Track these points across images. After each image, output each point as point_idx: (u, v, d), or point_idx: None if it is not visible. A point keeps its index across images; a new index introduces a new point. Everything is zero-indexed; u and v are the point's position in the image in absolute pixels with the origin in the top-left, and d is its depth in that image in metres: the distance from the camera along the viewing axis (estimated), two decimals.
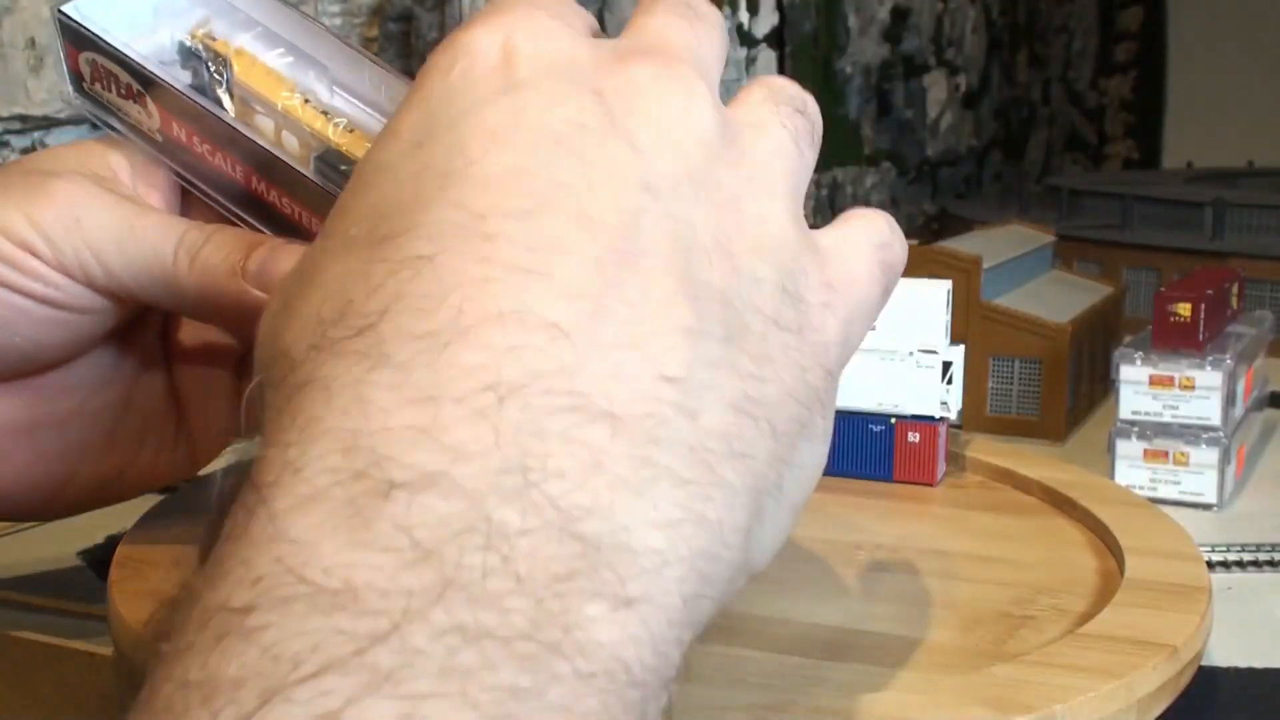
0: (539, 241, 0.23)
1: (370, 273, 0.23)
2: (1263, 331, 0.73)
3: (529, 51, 0.26)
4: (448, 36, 0.27)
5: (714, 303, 0.24)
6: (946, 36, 2.01)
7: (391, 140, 0.25)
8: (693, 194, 0.25)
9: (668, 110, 0.26)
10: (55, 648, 0.47)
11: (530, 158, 0.24)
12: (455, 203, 0.23)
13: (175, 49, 0.42)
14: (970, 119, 2.11)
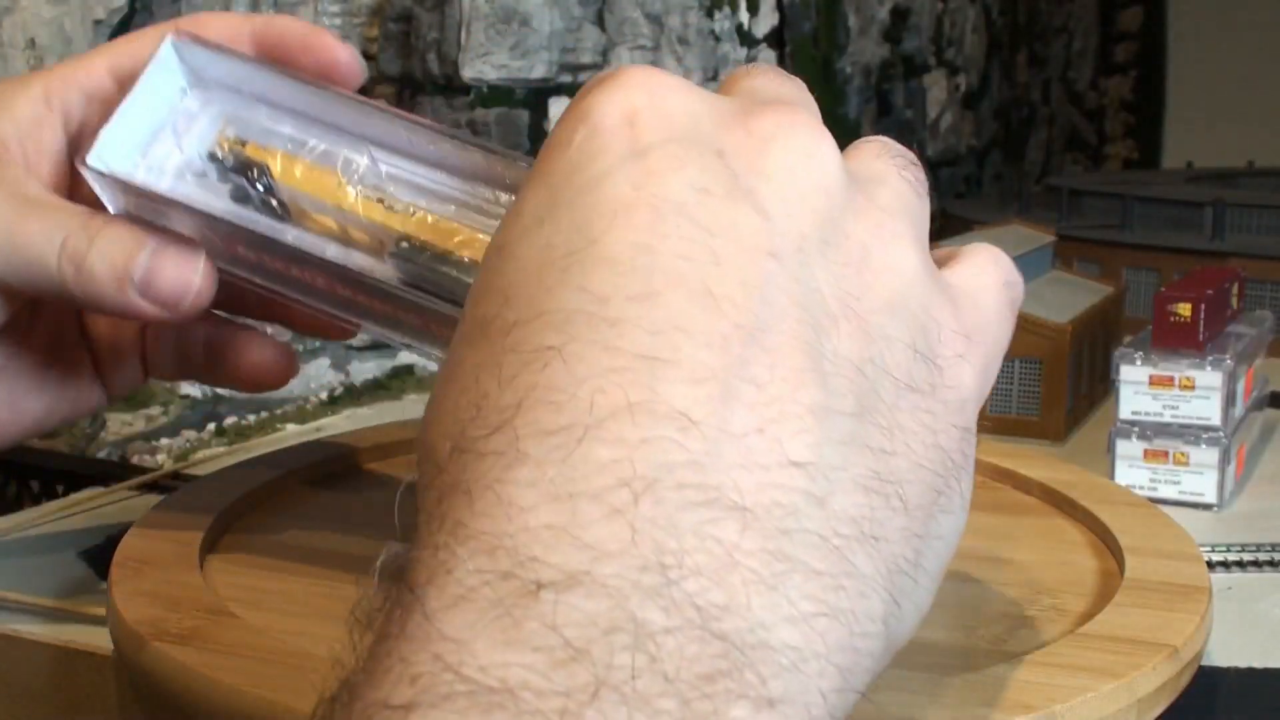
0: (664, 324, 0.23)
1: (503, 364, 0.23)
2: (1263, 331, 0.73)
3: (651, 114, 0.25)
4: (569, 106, 0.26)
5: (843, 374, 0.24)
6: (946, 36, 2.01)
7: (515, 220, 0.25)
8: (819, 251, 0.25)
9: (792, 160, 0.25)
10: (55, 648, 0.47)
11: (652, 233, 0.24)
12: (579, 286, 0.23)
13: (204, 158, 0.40)
14: (970, 119, 2.11)
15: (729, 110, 0.26)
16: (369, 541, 0.44)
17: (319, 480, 0.51)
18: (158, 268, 0.40)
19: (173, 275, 0.40)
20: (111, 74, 0.42)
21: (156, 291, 0.40)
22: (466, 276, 0.38)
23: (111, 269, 0.40)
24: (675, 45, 1.29)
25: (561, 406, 0.22)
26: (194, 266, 0.40)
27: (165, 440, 0.85)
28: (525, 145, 1.15)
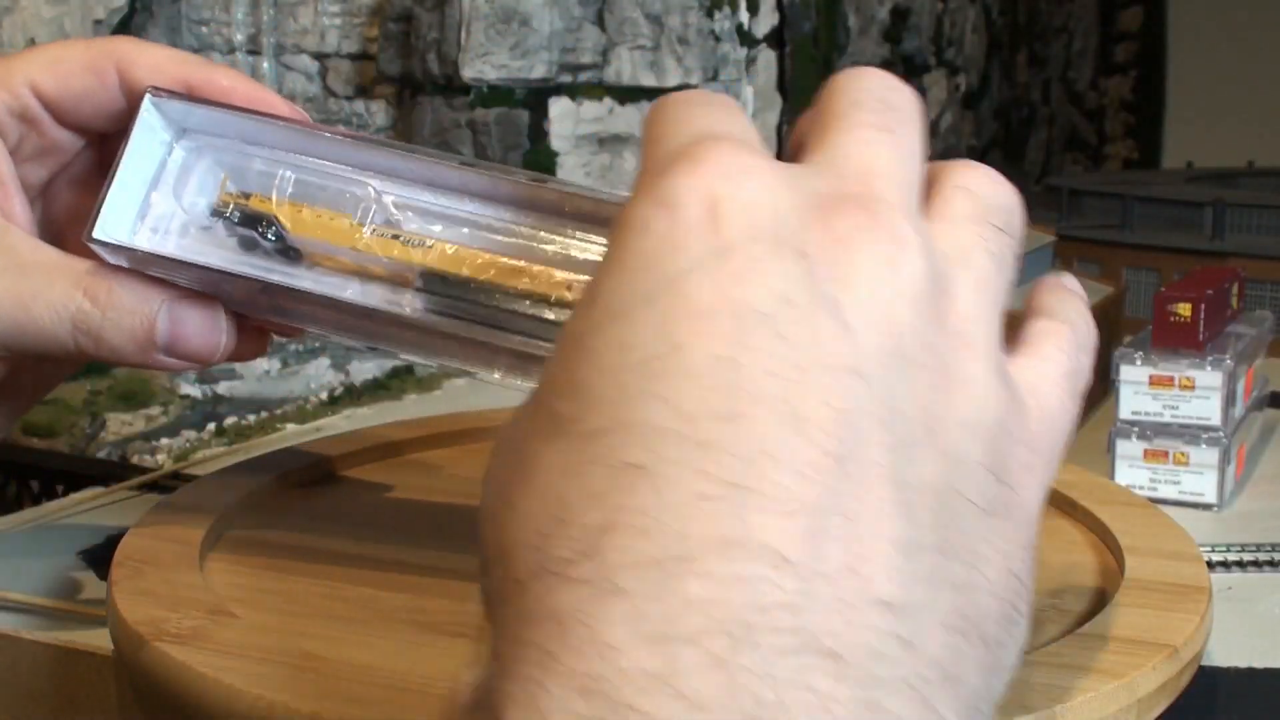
0: (752, 449, 0.22)
1: (586, 476, 0.22)
2: (1263, 331, 0.73)
3: (733, 205, 0.24)
4: (644, 183, 0.25)
5: (925, 505, 0.23)
6: (946, 36, 2.01)
7: (590, 309, 0.24)
8: (902, 369, 0.24)
9: (875, 265, 0.24)
10: (55, 648, 0.47)
11: (737, 345, 0.23)
12: (662, 397, 0.23)
13: (208, 212, 0.40)
14: (970, 119, 2.11)
15: (812, 202, 0.25)
16: (369, 542, 0.44)
17: (319, 480, 0.51)
18: (179, 329, 0.40)
19: (197, 336, 0.41)
20: (35, 94, 0.42)
21: (183, 351, 0.41)
22: (492, 301, 0.39)
23: (131, 339, 0.40)
24: (675, 45, 1.29)
25: (652, 534, 0.21)
26: (216, 322, 0.41)
27: (165, 440, 0.85)
28: (525, 145, 1.15)
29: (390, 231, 0.39)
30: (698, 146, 0.25)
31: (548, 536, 0.22)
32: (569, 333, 0.25)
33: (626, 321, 0.23)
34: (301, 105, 0.44)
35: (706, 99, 0.28)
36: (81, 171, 0.44)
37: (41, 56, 0.42)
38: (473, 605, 0.39)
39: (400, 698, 0.32)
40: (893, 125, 0.27)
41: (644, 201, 0.25)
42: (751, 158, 0.25)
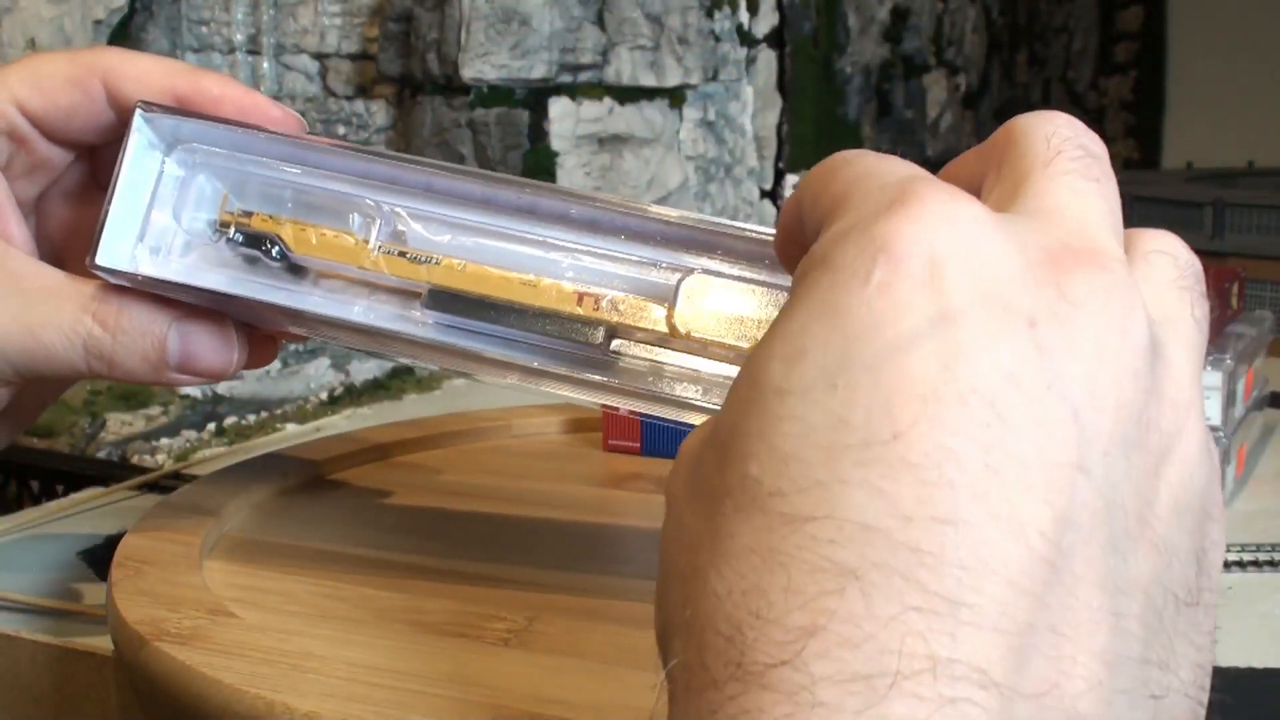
0: (970, 558, 0.21)
1: (790, 568, 0.21)
2: (1263, 331, 0.73)
3: (958, 264, 0.22)
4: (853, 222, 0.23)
5: (1133, 608, 0.22)
6: (946, 36, 2.01)
7: (795, 360, 0.23)
8: (1122, 454, 0.23)
9: (1105, 335, 0.23)
10: (55, 648, 0.47)
11: (962, 435, 0.21)
12: (879, 490, 0.21)
13: (210, 228, 0.40)
14: (970, 119, 2.11)
15: (1039, 256, 0.23)
16: (368, 542, 0.44)
17: (319, 481, 0.51)
18: (190, 347, 0.40)
19: (208, 351, 0.41)
20: (22, 112, 0.42)
21: (196, 369, 0.41)
22: (502, 320, 0.39)
23: (144, 361, 0.40)
24: (675, 45, 1.29)
25: (860, 647, 0.20)
26: (228, 339, 0.41)
27: (165, 440, 0.85)
28: (525, 145, 1.15)
29: (397, 248, 0.39)
30: (913, 189, 0.23)
31: (743, 630, 0.21)
32: (767, 381, 0.23)
33: (846, 393, 0.22)
34: (301, 105, 0.44)
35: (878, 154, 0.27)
36: (73, 185, 0.44)
37: (24, 72, 0.42)
38: (470, 605, 0.39)
39: (400, 698, 0.32)
40: (1099, 175, 0.26)
41: (857, 242, 0.23)
42: (970, 205, 0.23)
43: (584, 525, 0.47)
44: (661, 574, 0.24)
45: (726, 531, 0.22)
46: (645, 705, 0.33)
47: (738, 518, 0.22)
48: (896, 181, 0.24)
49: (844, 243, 0.23)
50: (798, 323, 0.23)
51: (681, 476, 0.25)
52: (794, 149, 1.56)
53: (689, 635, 0.22)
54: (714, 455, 0.23)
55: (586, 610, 0.39)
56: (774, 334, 0.23)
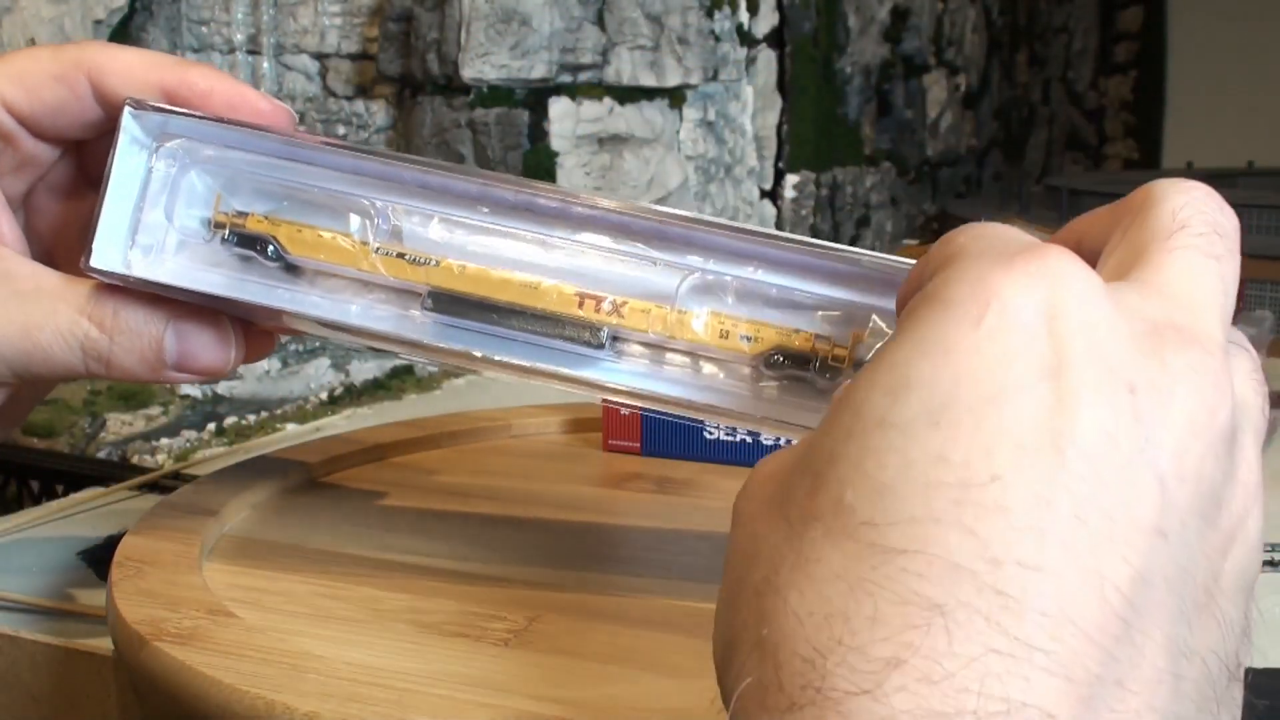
0: (1051, 606, 0.21)
1: (876, 598, 0.22)
2: (1263, 331, 0.72)
3: (1071, 322, 0.23)
4: (969, 269, 0.24)
5: (1193, 677, 0.23)
6: (946, 36, 2.01)
7: (900, 392, 0.23)
8: (1198, 529, 0.23)
9: (1197, 411, 0.24)
10: (55, 648, 0.47)
11: (1054, 484, 0.22)
12: (972, 531, 0.22)
13: (204, 226, 0.40)
14: (970, 119, 2.11)
15: (1146, 330, 0.24)
16: (368, 542, 0.44)
17: (319, 480, 0.51)
18: (187, 345, 0.41)
19: (205, 349, 0.41)
20: (6, 110, 0.41)
21: (194, 367, 0.41)
22: (503, 322, 0.39)
23: (142, 361, 0.40)
24: (675, 45, 1.29)
25: (940, 685, 0.21)
26: (224, 337, 0.41)
27: (165, 440, 0.85)
28: (525, 145, 1.15)
29: (395, 249, 0.39)
30: (1033, 248, 0.24)
31: (825, 657, 0.22)
32: (869, 412, 0.23)
33: (948, 431, 0.22)
34: (301, 105, 0.44)
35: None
36: (60, 180, 0.44)
37: (8, 69, 0.42)
38: (470, 605, 0.39)
39: (400, 698, 0.32)
40: (1220, 253, 0.27)
41: (969, 287, 0.23)
42: (1087, 272, 0.24)
43: (584, 525, 0.47)
44: (729, 587, 0.25)
45: (814, 555, 0.23)
46: (646, 705, 0.33)
47: (827, 543, 0.23)
48: (1016, 240, 0.25)
49: (958, 284, 0.24)
50: (904, 355, 0.23)
51: (759, 495, 0.25)
52: (794, 149, 1.56)
53: (764, 653, 0.23)
54: (807, 480, 0.24)
55: (586, 610, 0.39)
56: (879, 364, 0.24)
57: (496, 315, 0.38)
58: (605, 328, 0.38)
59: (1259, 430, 0.26)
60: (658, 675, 0.34)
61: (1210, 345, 0.25)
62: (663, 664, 0.35)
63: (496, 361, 0.38)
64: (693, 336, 0.37)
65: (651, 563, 0.43)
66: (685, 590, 0.40)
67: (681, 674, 0.34)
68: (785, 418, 0.37)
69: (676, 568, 0.42)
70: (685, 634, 0.37)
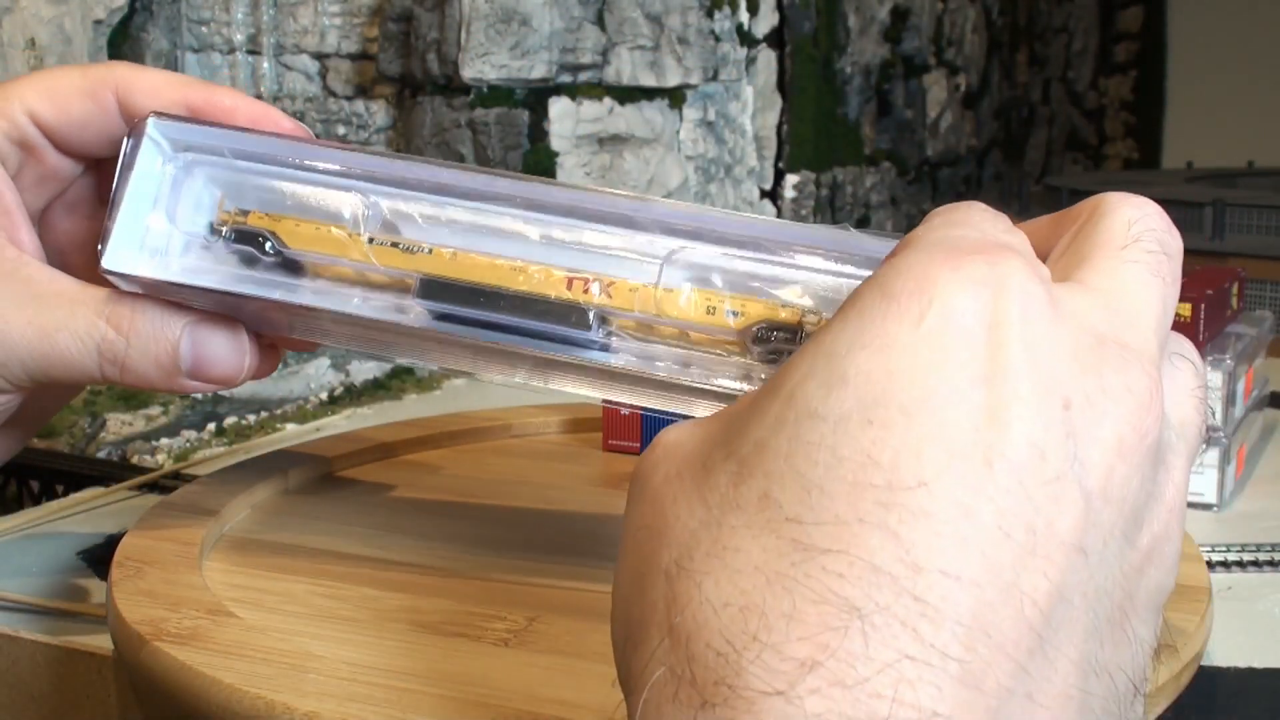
0: (969, 618, 0.21)
1: (794, 595, 0.22)
2: (1263, 331, 0.73)
3: (1013, 333, 0.23)
4: (919, 257, 0.24)
5: (1101, 693, 0.23)
6: (946, 36, 2.01)
7: (835, 385, 0.23)
8: (1118, 549, 0.24)
9: (1127, 432, 0.24)
10: (55, 648, 0.47)
11: (980, 493, 0.22)
12: (894, 533, 0.22)
13: (206, 230, 0.41)
14: (970, 119, 2.11)
15: (1087, 344, 0.24)
16: (368, 542, 0.44)
17: (318, 481, 0.51)
18: (203, 351, 0.41)
19: (221, 357, 0.41)
20: (34, 122, 0.42)
21: (208, 375, 0.41)
22: (493, 306, 0.39)
23: (156, 365, 0.40)
24: (675, 45, 1.29)
25: (853, 690, 0.21)
26: (239, 344, 0.41)
27: (165, 440, 0.85)
28: (525, 145, 1.15)
29: (389, 239, 0.39)
30: (988, 253, 0.24)
31: (739, 651, 0.21)
32: (802, 403, 0.23)
33: (880, 431, 0.22)
34: (301, 105, 0.45)
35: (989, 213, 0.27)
36: (78, 198, 0.45)
37: (38, 84, 0.42)
38: (470, 605, 0.39)
39: (400, 698, 0.32)
40: (1166, 275, 0.26)
41: (918, 283, 0.23)
42: (1035, 279, 0.24)
43: (584, 525, 0.47)
44: (634, 564, 0.24)
45: (732, 544, 0.22)
46: None
47: (747, 534, 0.22)
48: (976, 230, 0.25)
49: (905, 274, 0.23)
50: (842, 346, 0.23)
51: (667, 466, 0.25)
52: (794, 149, 1.56)
53: (675, 642, 0.22)
54: (731, 465, 0.24)
55: (586, 610, 0.39)
56: (815, 352, 0.24)
57: (485, 298, 0.39)
58: (592, 308, 0.38)
59: (1193, 447, 0.26)
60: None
61: (1149, 366, 0.24)
62: None
63: (488, 346, 0.39)
64: (679, 313, 0.38)
65: None
66: None
67: None
68: None
69: None
70: None
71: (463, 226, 0.39)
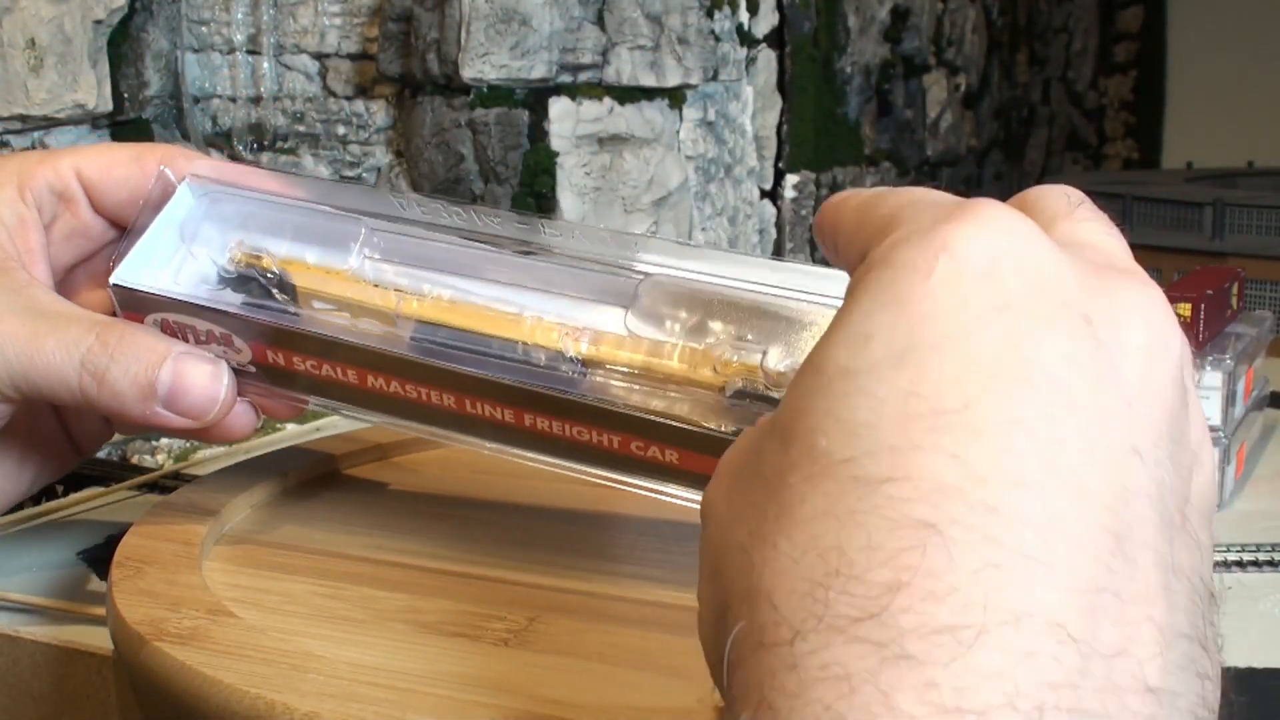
0: (1043, 519, 0.22)
1: (868, 528, 0.22)
2: (1263, 331, 0.73)
3: (1015, 263, 0.24)
4: (913, 230, 0.24)
5: (1183, 590, 0.23)
6: (946, 36, 2.01)
7: (861, 343, 0.23)
8: (1168, 451, 0.24)
9: (1152, 340, 0.24)
10: (55, 648, 0.47)
11: (1028, 406, 0.22)
12: (952, 454, 0.22)
13: (218, 270, 0.43)
14: (970, 119, 2.11)
15: (1089, 270, 0.25)
16: (368, 542, 0.44)
17: (318, 481, 0.51)
18: (181, 381, 0.41)
19: (198, 388, 0.42)
20: (77, 176, 0.44)
21: (181, 405, 0.42)
22: (488, 348, 0.40)
23: (134, 384, 0.41)
24: (675, 45, 1.29)
25: (944, 600, 0.21)
26: (218, 378, 0.42)
27: (165, 440, 0.85)
28: (525, 145, 1.15)
29: (390, 283, 0.42)
30: (972, 203, 0.25)
31: (825, 588, 0.22)
32: (836, 365, 0.23)
33: (914, 368, 0.23)
34: (301, 105, 0.45)
35: None
36: (100, 268, 0.46)
37: (92, 148, 0.45)
38: (470, 605, 0.39)
39: (400, 698, 0.32)
40: (1111, 230, 0.28)
41: (918, 243, 0.24)
42: (1027, 221, 0.24)
43: (584, 525, 0.47)
44: (712, 563, 0.25)
45: (795, 499, 0.23)
46: (646, 705, 0.33)
47: (807, 485, 0.23)
48: (947, 198, 0.25)
49: (905, 245, 0.24)
50: (860, 313, 0.24)
51: (723, 482, 0.26)
52: (794, 149, 1.56)
53: (756, 599, 0.23)
54: (775, 440, 0.24)
55: (586, 610, 0.39)
56: (835, 327, 0.24)
57: (471, 343, 0.41)
58: (579, 360, 0.39)
59: (1191, 370, 0.27)
60: (658, 675, 0.34)
61: (1149, 281, 0.25)
62: (663, 664, 0.35)
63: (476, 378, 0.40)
64: (666, 369, 0.39)
65: (651, 563, 0.43)
66: (685, 590, 0.40)
67: (681, 674, 0.34)
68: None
69: (676, 567, 0.42)
70: (685, 634, 0.37)
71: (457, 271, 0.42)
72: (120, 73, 1.00)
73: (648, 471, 0.40)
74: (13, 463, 0.46)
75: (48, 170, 0.44)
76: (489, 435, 0.42)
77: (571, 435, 0.40)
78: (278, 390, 0.44)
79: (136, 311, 0.42)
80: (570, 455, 0.41)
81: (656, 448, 0.39)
